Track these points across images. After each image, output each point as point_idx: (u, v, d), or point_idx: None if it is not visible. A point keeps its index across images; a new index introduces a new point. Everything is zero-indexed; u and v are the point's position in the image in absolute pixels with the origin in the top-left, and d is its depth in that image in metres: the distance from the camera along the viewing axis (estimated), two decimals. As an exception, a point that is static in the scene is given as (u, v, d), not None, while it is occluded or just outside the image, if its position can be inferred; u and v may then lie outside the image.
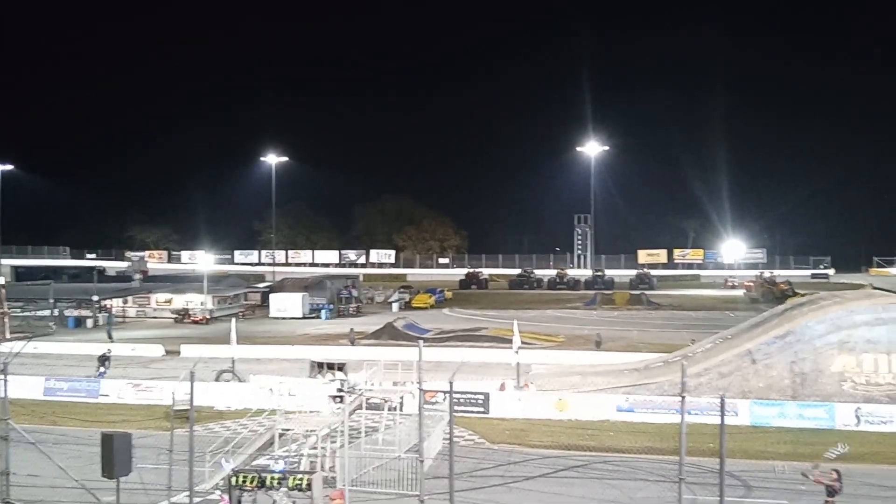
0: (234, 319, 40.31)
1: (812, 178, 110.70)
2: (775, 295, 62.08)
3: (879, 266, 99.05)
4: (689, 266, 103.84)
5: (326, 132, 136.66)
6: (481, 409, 27.25)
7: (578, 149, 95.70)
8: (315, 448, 20.18)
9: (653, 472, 19.39)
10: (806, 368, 27.36)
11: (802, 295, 40.66)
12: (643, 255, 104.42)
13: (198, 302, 60.64)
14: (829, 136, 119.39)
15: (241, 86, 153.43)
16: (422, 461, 14.33)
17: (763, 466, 20.53)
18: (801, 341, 27.74)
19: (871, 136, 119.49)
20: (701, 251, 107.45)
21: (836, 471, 15.23)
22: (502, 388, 29.12)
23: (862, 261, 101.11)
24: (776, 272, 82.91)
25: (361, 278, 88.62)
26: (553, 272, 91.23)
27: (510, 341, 31.46)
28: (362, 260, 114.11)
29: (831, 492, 14.95)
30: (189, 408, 15.80)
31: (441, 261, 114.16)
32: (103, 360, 34.01)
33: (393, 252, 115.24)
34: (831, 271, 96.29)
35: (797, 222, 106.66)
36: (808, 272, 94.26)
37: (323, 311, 60.59)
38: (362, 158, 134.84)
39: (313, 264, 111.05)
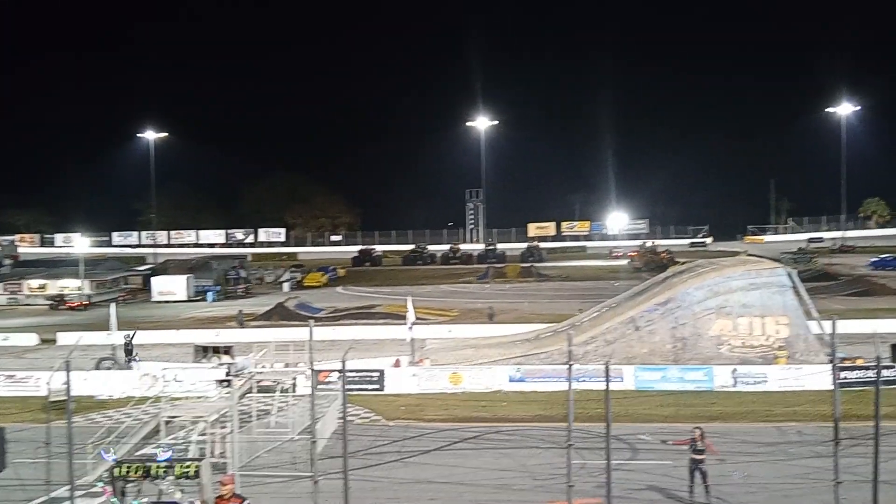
0: (113, 304, 38.51)
1: (690, 150, 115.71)
2: (657, 264, 64.58)
3: (754, 234, 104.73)
4: (577, 238, 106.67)
5: (210, 107, 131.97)
6: (376, 387, 27.16)
7: (468, 123, 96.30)
8: (204, 434, 19.55)
9: (544, 440, 19.86)
10: (686, 333, 28.62)
11: (682, 263, 42.41)
12: (533, 229, 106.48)
13: (74, 287, 57.66)
14: (706, 110, 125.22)
15: (118, 57, 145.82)
16: (314, 442, 14.11)
17: (647, 429, 21.36)
18: (681, 307, 28.98)
19: (744, 110, 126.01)
20: (587, 223, 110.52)
21: (699, 428, 16.08)
22: (397, 364, 29.11)
23: (737, 229, 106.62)
24: (657, 242, 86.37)
25: (250, 258, 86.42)
26: (446, 247, 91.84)
27: (404, 317, 31.44)
28: (250, 239, 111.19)
29: (697, 450, 15.74)
30: (66, 398, 14.94)
31: (333, 238, 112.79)
32: (129, 349, 31.84)
33: (283, 231, 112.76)
34: (709, 240, 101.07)
35: (676, 193, 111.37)
36: (688, 241, 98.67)
37: (209, 294, 58.83)
38: (249, 134, 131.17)
39: (198, 245, 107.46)
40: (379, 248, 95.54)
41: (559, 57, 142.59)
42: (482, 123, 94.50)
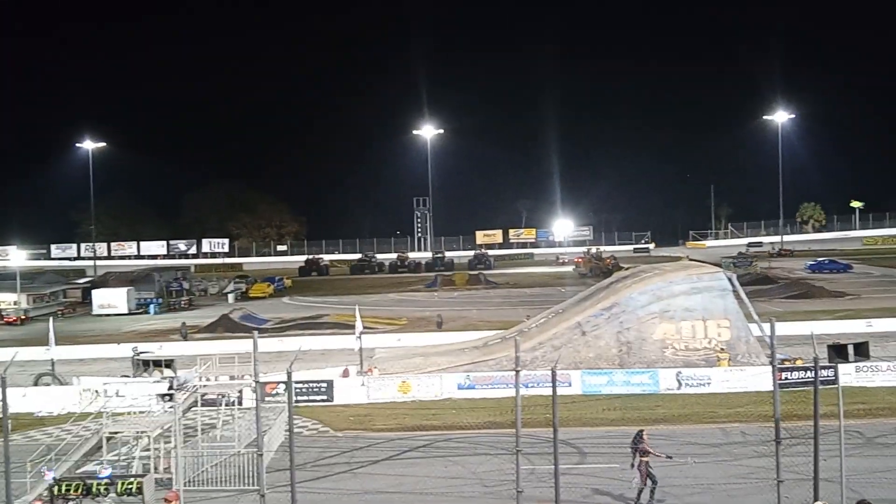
0: (52, 318, 37.44)
1: (632, 158, 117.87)
2: (602, 269, 65.52)
3: (695, 239, 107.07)
4: (524, 245, 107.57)
5: (150, 116, 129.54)
6: (325, 398, 26.87)
7: (415, 132, 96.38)
8: (148, 450, 19.11)
9: (494, 446, 19.88)
10: (631, 337, 29.04)
11: (626, 268, 43.07)
12: (480, 236, 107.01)
13: (10, 301, 55.77)
14: (648, 119, 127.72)
15: (53, 65, 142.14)
16: (261, 455, 13.88)
17: (595, 433, 21.60)
18: (625, 312, 29.41)
19: (685, 118, 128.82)
20: (534, 230, 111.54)
21: (641, 430, 16.34)
22: (345, 374, 28.88)
23: (679, 235, 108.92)
24: (602, 248, 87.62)
25: (193, 269, 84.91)
26: (394, 256, 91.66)
27: (352, 327, 31.21)
28: (193, 250, 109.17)
29: (642, 452, 15.99)
30: (3, 415, 14.44)
31: (279, 248, 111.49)
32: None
33: (227, 241, 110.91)
34: (652, 245, 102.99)
35: (620, 200, 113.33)
36: (631, 247, 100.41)
37: (151, 306, 57.57)
38: (191, 143, 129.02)
39: (139, 256, 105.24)
40: (326, 257, 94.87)
41: (505, 67, 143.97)
42: (428, 132, 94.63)
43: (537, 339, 29.83)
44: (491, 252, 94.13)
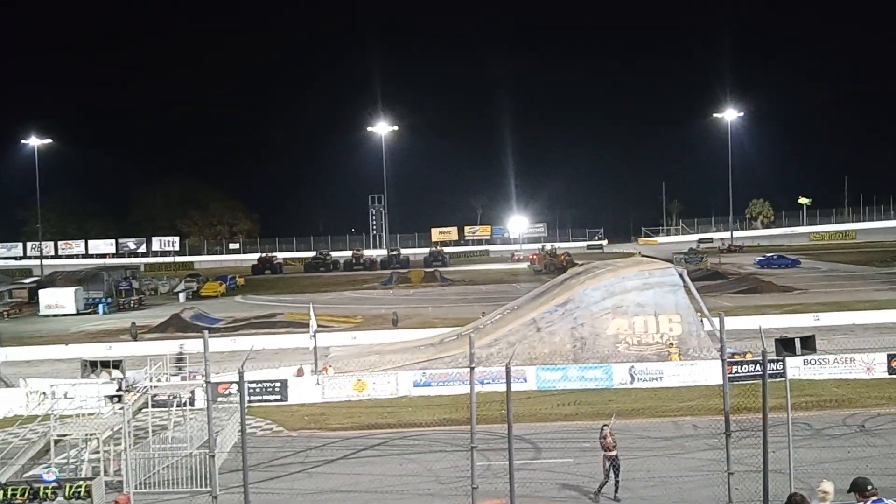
0: (-4, 319, 36.50)
1: (585, 156, 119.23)
2: (556, 266, 66.09)
3: (647, 235, 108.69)
4: (479, 242, 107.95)
5: (98, 112, 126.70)
6: (279, 397, 26.57)
7: (369, 129, 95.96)
8: (97, 452, 18.69)
9: (450, 443, 19.89)
10: (585, 333, 29.31)
11: (580, 265, 43.45)
12: (436, 234, 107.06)
13: (-48, 303, 54.15)
14: (600, 117, 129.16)
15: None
16: (212, 456, 13.63)
17: (550, 428, 21.75)
18: (579, 308, 29.68)
19: (636, 116, 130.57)
20: (489, 227, 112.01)
21: (606, 425, 16.52)
22: (300, 373, 28.61)
23: (632, 231, 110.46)
24: (556, 245, 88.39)
25: (143, 268, 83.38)
26: (349, 253, 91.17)
27: (307, 325, 30.94)
28: (143, 249, 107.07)
29: (608, 447, 16.13)
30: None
31: (231, 246, 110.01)
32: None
33: (177, 239, 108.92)
34: (605, 242, 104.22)
35: (573, 197, 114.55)
36: (585, 243, 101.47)
37: (100, 306, 56.29)
38: (140, 139, 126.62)
39: (87, 255, 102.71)
40: (279, 255, 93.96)
41: (459, 64, 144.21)
42: (383, 129, 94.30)
43: (493, 336, 29.92)
44: (446, 249, 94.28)
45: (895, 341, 31.57)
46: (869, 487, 8.12)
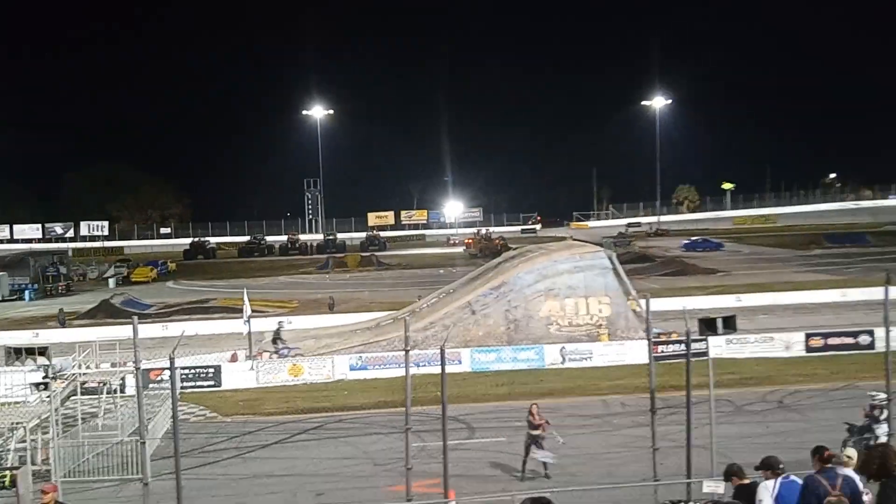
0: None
1: (519, 141, 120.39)
2: (491, 250, 66.70)
3: (579, 220, 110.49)
4: (416, 226, 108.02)
5: (24, 91, 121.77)
6: (212, 383, 26.32)
7: (304, 112, 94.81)
8: (24, 441, 18.24)
9: (385, 425, 20.09)
10: (518, 315, 29.82)
11: (514, 249, 44.00)
12: (372, 218, 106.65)
13: None
14: (534, 103, 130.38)
15: None
16: (143, 443, 13.52)
17: (484, 408, 22.14)
18: (513, 291, 30.16)
19: (568, 102, 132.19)
20: (425, 212, 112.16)
21: (536, 404, 16.92)
22: (234, 358, 28.36)
23: (564, 216, 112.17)
24: (491, 229, 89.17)
25: (71, 254, 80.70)
26: (284, 238, 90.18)
27: (241, 311, 30.64)
28: (71, 234, 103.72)
29: (534, 425, 16.55)
30: None
31: (163, 231, 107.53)
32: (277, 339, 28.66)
33: (106, 223, 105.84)
34: (538, 226, 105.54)
35: (508, 182, 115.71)
36: (519, 228, 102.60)
37: (26, 292, 54.57)
38: (68, 120, 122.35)
39: (12, 241, 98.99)
40: (212, 239, 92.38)
41: (395, 48, 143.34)
42: (318, 112, 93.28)
43: (428, 319, 30.18)
44: (383, 234, 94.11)
45: (812, 321, 33.08)
46: (780, 466, 8.60)
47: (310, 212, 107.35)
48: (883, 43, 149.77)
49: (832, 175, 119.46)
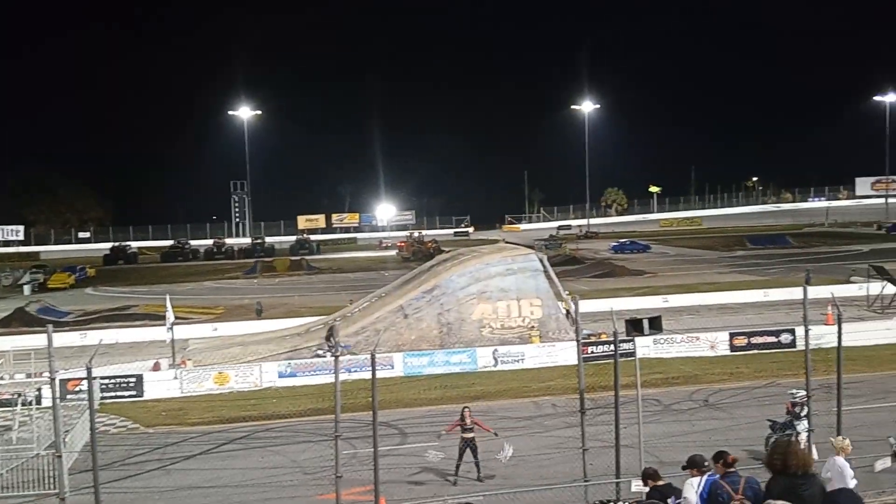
0: None
1: (452, 144, 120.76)
2: (424, 253, 66.68)
3: (511, 223, 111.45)
4: (347, 230, 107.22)
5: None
6: (134, 393, 25.38)
7: (231, 112, 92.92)
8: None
9: (315, 433, 19.66)
10: (451, 318, 29.77)
11: (446, 252, 43.98)
12: (302, 221, 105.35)
13: None
14: (466, 107, 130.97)
15: None
16: (60, 457, 12.88)
17: (416, 413, 21.95)
18: (445, 294, 30.09)
19: (501, 106, 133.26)
20: (357, 215, 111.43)
21: (467, 407, 16.86)
22: (156, 367, 27.42)
23: (496, 219, 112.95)
24: (424, 232, 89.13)
25: (-17, 260, 77.28)
26: (210, 242, 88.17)
27: (163, 318, 29.70)
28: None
29: (466, 428, 16.46)
30: None
31: (81, 235, 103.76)
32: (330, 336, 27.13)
33: (21, 228, 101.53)
34: (471, 229, 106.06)
35: (440, 185, 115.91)
36: (452, 230, 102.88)
37: (-67, 301, 51.81)
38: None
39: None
40: (134, 244, 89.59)
41: (327, 48, 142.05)
42: (245, 112, 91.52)
43: (360, 324, 29.86)
44: (314, 237, 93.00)
45: (736, 320, 34.01)
46: (706, 464, 8.71)
47: (237, 215, 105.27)
48: (806, 51, 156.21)
49: (754, 178, 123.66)
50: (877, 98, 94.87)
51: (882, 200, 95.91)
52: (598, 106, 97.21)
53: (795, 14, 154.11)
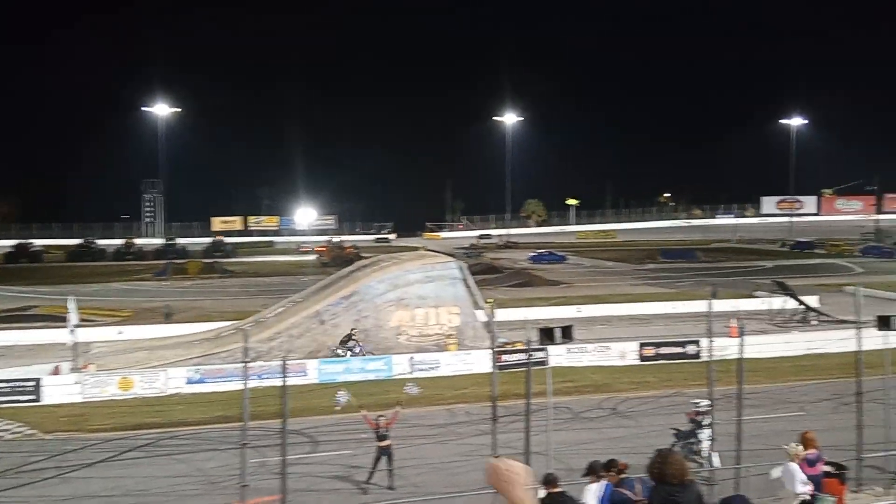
0: None
1: (374, 150, 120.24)
2: (343, 259, 66.00)
3: (432, 230, 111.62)
4: (265, 233, 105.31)
5: None
6: (31, 398, 24.23)
7: (145, 109, 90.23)
8: None
9: (223, 441, 19.16)
10: (369, 325, 29.57)
11: (367, 258, 43.70)
12: (217, 223, 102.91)
13: None
14: (389, 114, 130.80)
15: None
16: (-55, 466, 12.17)
17: (329, 421, 21.66)
18: (364, 300, 29.88)
19: (422, 114, 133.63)
20: (276, 218, 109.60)
21: (383, 416, 16.70)
22: (56, 371, 26.26)
23: (418, 226, 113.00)
24: (344, 237, 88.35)
25: None
26: (120, 242, 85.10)
27: (66, 319, 28.45)
28: None
29: (381, 436, 16.34)
30: None
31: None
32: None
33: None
34: (392, 235, 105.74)
35: (362, 190, 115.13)
36: (373, 236, 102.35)
37: None
38: None
39: None
40: (38, 242, 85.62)
41: (246, 49, 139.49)
42: (161, 110, 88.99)
43: (274, 329, 29.31)
44: (229, 239, 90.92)
45: (646, 331, 34.92)
46: (601, 473, 8.90)
47: (148, 215, 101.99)
48: (719, 73, 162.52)
49: (667, 195, 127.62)
50: (783, 121, 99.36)
51: (786, 219, 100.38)
52: (521, 118, 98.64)
53: (712, 39, 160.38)
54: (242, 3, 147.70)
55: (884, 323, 15.67)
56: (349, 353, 28.37)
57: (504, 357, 25.66)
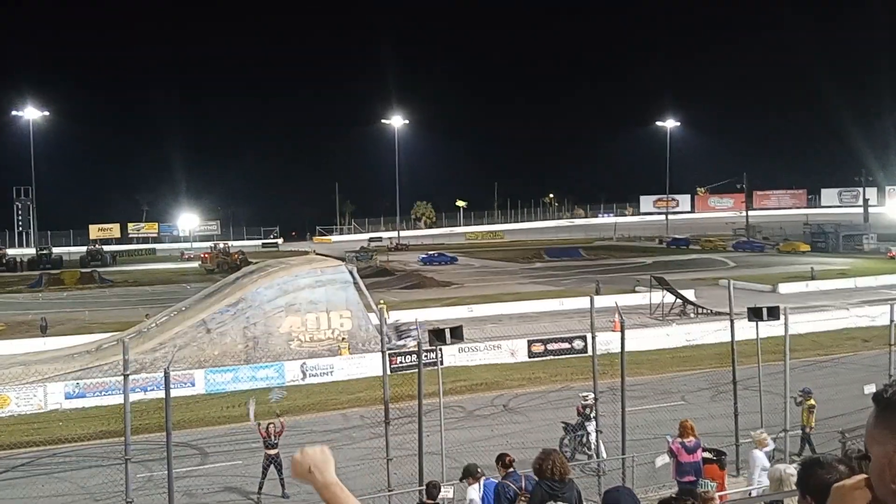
0: None
1: (262, 155, 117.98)
2: (229, 265, 64.52)
3: (322, 234, 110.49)
4: (145, 240, 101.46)
5: None
6: None
7: (15, 113, 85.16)
8: None
9: (106, 457, 18.36)
10: (258, 332, 29.01)
11: (254, 263, 42.83)
12: (94, 231, 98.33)
13: None
14: (275, 118, 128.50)
15: None
16: None
17: (218, 431, 21.18)
18: (252, 307, 29.29)
19: (311, 118, 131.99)
20: (156, 224, 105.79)
21: (273, 423, 16.48)
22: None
23: (307, 230, 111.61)
24: (230, 243, 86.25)
25: None
26: (-12, 252, 79.98)
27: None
28: None
29: (270, 444, 16.14)
30: None
31: None
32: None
33: None
34: (280, 240, 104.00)
35: (248, 195, 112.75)
36: (260, 241, 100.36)
37: None
38: None
39: None
40: None
41: (121, 48, 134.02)
42: (32, 113, 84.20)
43: (158, 340, 28.32)
44: (107, 248, 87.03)
45: (534, 328, 35.76)
46: (479, 471, 9.27)
47: (20, 223, 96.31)
48: (594, 77, 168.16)
49: (551, 195, 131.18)
50: (658, 123, 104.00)
51: (663, 217, 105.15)
52: (406, 121, 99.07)
53: (592, 47, 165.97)
54: (116, 8, 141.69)
55: (755, 314, 16.63)
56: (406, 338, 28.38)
57: (397, 359, 25.87)
